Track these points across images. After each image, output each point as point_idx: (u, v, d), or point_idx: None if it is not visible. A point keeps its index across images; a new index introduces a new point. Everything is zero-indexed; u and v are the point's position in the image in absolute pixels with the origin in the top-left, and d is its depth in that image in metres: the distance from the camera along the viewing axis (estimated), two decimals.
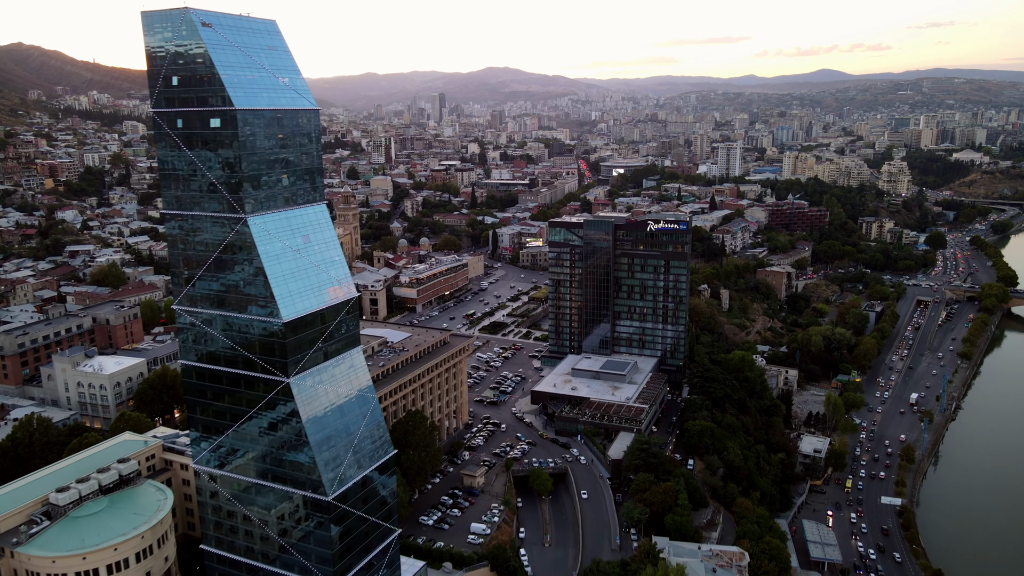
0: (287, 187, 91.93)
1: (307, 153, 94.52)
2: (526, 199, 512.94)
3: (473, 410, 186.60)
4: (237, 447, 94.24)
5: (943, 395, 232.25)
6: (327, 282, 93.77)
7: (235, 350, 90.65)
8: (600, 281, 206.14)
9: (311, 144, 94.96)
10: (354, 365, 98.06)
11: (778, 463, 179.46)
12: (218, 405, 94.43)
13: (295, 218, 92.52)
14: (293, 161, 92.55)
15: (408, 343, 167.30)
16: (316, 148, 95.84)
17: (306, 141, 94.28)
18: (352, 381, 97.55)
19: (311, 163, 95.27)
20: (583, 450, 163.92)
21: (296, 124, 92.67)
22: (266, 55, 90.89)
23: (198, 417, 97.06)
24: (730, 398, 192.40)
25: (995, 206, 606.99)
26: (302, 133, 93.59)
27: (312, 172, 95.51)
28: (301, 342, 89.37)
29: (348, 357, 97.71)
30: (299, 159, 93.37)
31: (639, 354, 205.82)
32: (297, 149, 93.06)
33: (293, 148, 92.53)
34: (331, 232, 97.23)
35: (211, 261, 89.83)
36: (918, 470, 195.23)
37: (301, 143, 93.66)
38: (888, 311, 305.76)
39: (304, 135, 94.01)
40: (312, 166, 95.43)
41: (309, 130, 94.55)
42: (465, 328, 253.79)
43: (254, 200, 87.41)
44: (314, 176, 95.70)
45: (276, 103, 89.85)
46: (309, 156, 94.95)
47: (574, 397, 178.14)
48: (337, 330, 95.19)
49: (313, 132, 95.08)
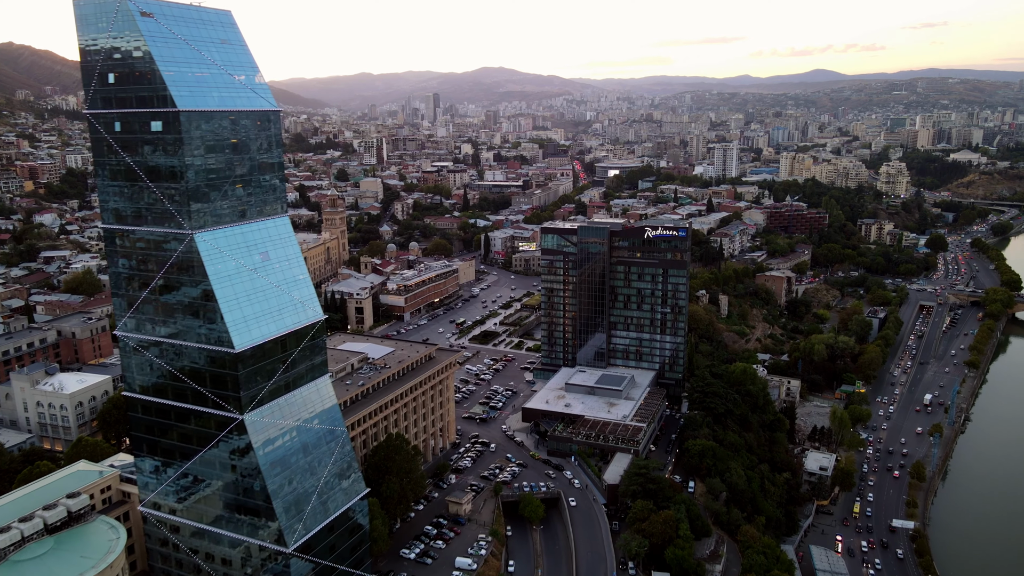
0: (242, 198, 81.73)
1: (267, 160, 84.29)
2: (520, 201, 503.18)
3: (461, 428, 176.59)
4: (187, 489, 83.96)
5: (952, 407, 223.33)
6: (289, 304, 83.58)
7: (183, 382, 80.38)
8: (595, 290, 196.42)
9: (272, 150, 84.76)
10: (321, 395, 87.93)
11: (783, 483, 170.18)
12: (166, 442, 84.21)
13: (252, 233, 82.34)
14: (250, 169, 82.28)
15: (391, 359, 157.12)
16: (277, 154, 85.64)
17: (265, 146, 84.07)
18: (319, 414, 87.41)
19: (271, 171, 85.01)
20: (577, 473, 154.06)
21: (253, 128, 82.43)
22: (218, 50, 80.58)
23: (144, 455, 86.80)
24: (732, 413, 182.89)
25: (994, 207, 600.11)
26: (260, 138, 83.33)
27: (272, 181, 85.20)
28: (258, 373, 79.07)
29: (314, 387, 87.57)
30: (257, 167, 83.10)
31: (636, 367, 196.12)
32: (255, 156, 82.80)
33: (250, 154, 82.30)
34: (294, 248, 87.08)
35: (155, 282, 79.45)
36: (929, 488, 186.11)
37: (259, 149, 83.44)
38: (891, 317, 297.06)
39: (263, 140, 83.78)
40: (272, 175, 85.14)
41: (269, 134, 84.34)
42: (454, 338, 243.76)
43: (202, 213, 77.16)
44: (275, 186, 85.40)
45: (229, 104, 79.64)
46: (269, 163, 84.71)
47: (568, 415, 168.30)
48: (301, 357, 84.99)
49: (274, 136, 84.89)
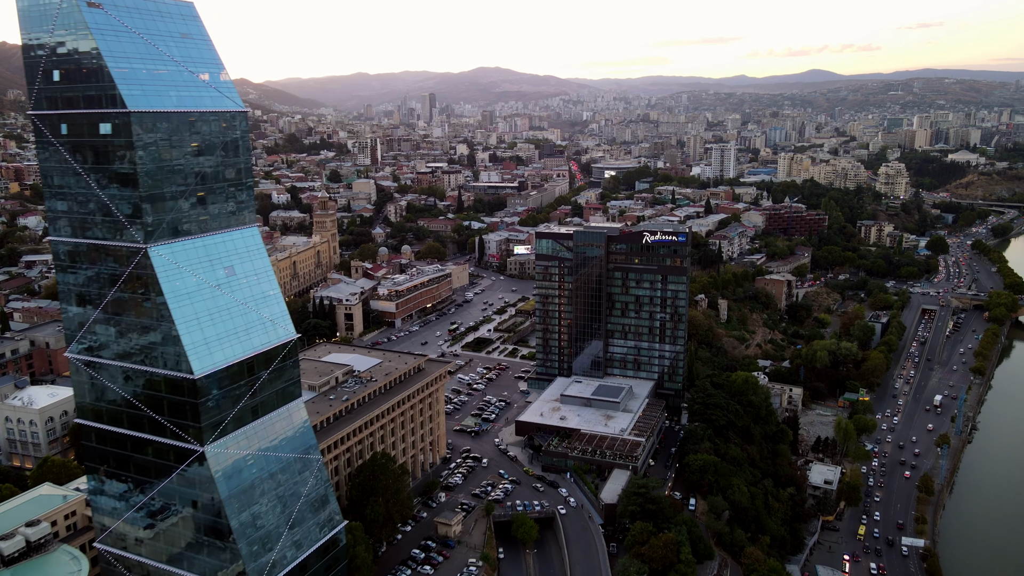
0: (205, 208, 74.55)
1: (232, 165, 77.09)
2: (515, 203, 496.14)
3: (452, 441, 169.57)
4: (146, 525, 76.76)
5: (959, 416, 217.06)
6: (257, 323, 76.43)
7: (139, 409, 73.18)
8: (592, 297, 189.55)
9: (238, 154, 77.57)
10: (293, 421, 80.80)
11: (787, 499, 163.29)
12: (123, 475, 76.87)
13: (215, 246, 75.12)
14: (213, 175, 75.10)
15: (377, 371, 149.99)
16: (245, 159, 78.40)
17: (231, 151, 76.83)
18: (290, 441, 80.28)
19: (238, 177, 77.80)
20: (573, 490, 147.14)
21: (218, 130, 75.25)
22: (178, 45, 73.37)
23: (100, 488, 79.55)
24: (734, 425, 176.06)
25: (994, 208, 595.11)
26: (225, 141, 76.12)
27: (238, 189, 77.99)
28: (220, 400, 71.90)
29: (286, 412, 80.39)
30: (221, 173, 75.90)
31: (634, 376, 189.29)
32: (218, 161, 75.59)
33: (213, 159, 75.10)
34: (263, 261, 79.85)
35: (107, 300, 72.30)
36: (938, 502, 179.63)
37: (224, 153, 76.21)
38: (894, 322, 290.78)
39: (228, 143, 76.56)
40: (239, 181, 77.95)
41: (235, 137, 77.13)
42: (447, 345, 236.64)
43: (158, 225, 69.98)
44: (242, 193, 78.18)
45: (189, 104, 72.42)
46: (235, 169, 77.49)
47: (563, 428, 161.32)
48: (271, 381, 77.85)
49: (241, 139, 77.69)
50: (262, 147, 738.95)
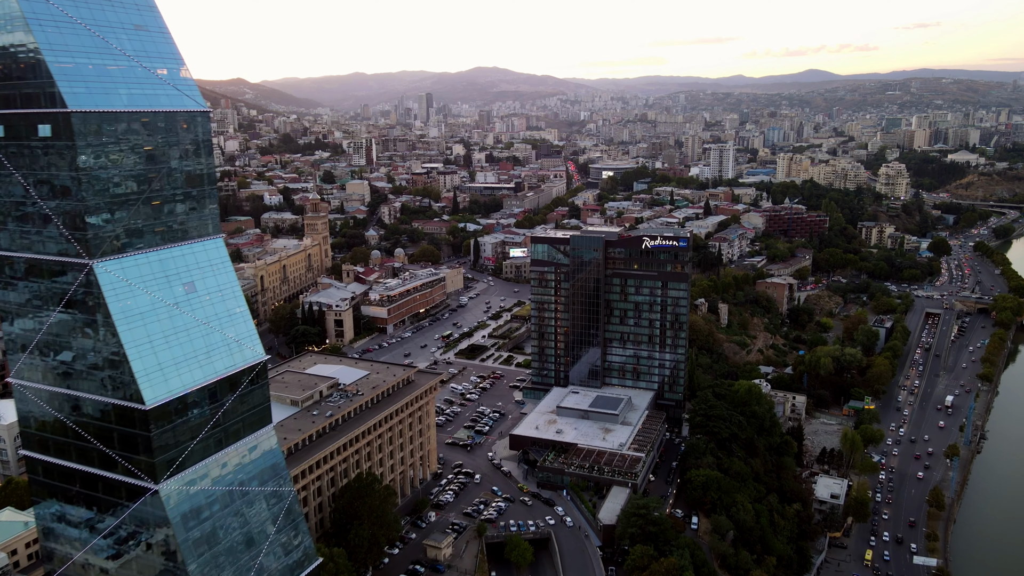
0: (161, 218, 67.41)
1: (193, 170, 69.90)
2: (511, 204, 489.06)
3: (444, 455, 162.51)
4: (98, 568, 69.63)
5: (968, 425, 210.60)
6: (220, 345, 69.25)
7: (88, 442, 65.98)
8: (589, 304, 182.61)
9: (200, 157, 70.40)
10: (263, 451, 73.66)
11: (793, 515, 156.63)
12: (73, 512, 69.58)
13: (173, 260, 67.96)
14: (170, 182, 67.88)
15: (364, 384, 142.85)
16: (207, 163, 71.21)
17: (192, 154, 69.67)
18: (259, 474, 73.11)
19: (199, 184, 70.62)
20: (569, 509, 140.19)
21: (176, 131, 68.05)
22: (131, 38, 66.17)
23: (49, 525, 72.26)
24: (737, 438, 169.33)
25: (995, 209, 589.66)
26: (185, 143, 68.95)
27: (200, 196, 70.85)
28: (177, 431, 64.74)
29: (254, 442, 73.19)
30: (180, 179, 68.70)
31: (633, 386, 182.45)
32: (177, 165, 68.40)
33: (170, 164, 67.89)
34: (228, 276, 72.68)
35: (50, 322, 65.06)
36: (949, 517, 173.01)
37: (184, 157, 69.04)
38: (898, 326, 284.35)
39: (188, 146, 69.39)
40: (201, 187, 70.79)
41: (196, 139, 69.92)
42: (440, 352, 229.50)
43: (105, 238, 62.80)
44: (204, 201, 71.05)
45: (142, 103, 65.23)
46: (196, 174, 70.30)
47: (559, 442, 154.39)
48: (237, 407, 70.66)
49: (202, 141, 70.52)
50: (256, 147, 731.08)
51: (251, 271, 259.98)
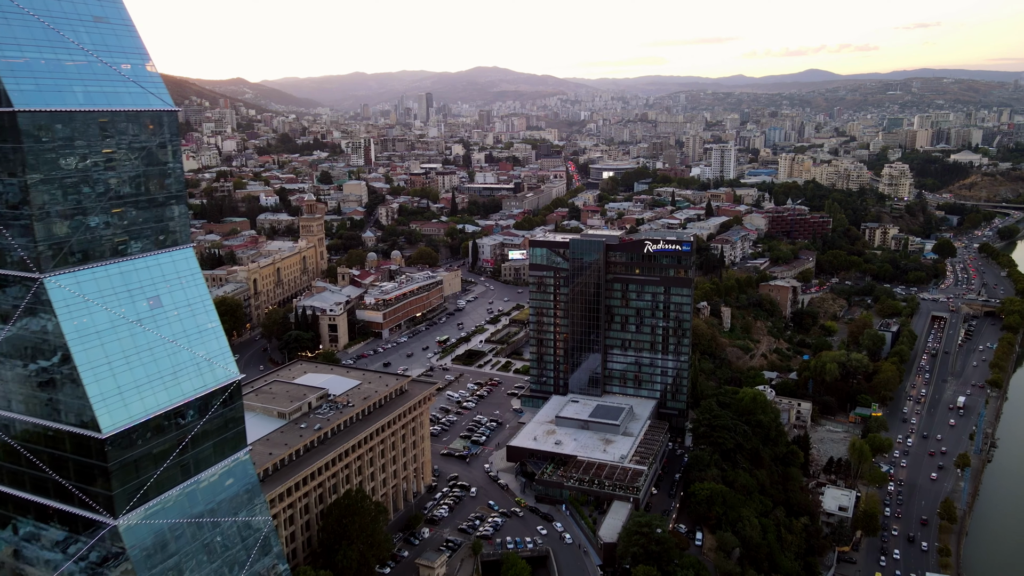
0: (122, 227, 61.84)
1: (159, 175, 64.33)
2: (511, 205, 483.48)
3: (439, 467, 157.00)
4: None
5: (978, 433, 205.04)
6: (189, 364, 63.68)
7: (43, 472, 60.43)
8: (589, 310, 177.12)
9: (167, 161, 64.81)
10: (236, 478, 68.08)
11: (801, 530, 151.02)
12: (28, 548, 63.99)
13: (135, 272, 62.37)
14: (132, 188, 62.28)
15: (355, 395, 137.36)
16: (175, 167, 65.66)
17: (157, 157, 64.08)
18: (232, 503, 67.51)
19: (166, 189, 65.05)
20: (568, 525, 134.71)
21: (140, 132, 62.44)
22: (89, 30, 60.54)
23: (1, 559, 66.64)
24: (742, 448, 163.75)
25: (998, 210, 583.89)
26: (148, 146, 63.35)
27: (167, 202, 65.29)
28: (139, 460, 59.20)
29: (226, 468, 67.64)
30: (143, 184, 63.10)
31: (634, 395, 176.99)
32: (139, 170, 62.80)
33: (132, 168, 62.31)
34: (198, 289, 67.08)
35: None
36: (961, 530, 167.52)
37: (148, 160, 63.45)
38: (905, 330, 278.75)
39: (153, 148, 63.81)
40: (168, 193, 65.25)
41: (163, 140, 64.31)
42: (436, 358, 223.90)
43: (58, 249, 57.24)
44: (171, 208, 65.48)
45: (101, 101, 59.62)
46: (162, 179, 64.71)
47: (558, 454, 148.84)
48: (207, 431, 65.03)
49: (170, 143, 64.95)
50: (254, 147, 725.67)
51: (244, 274, 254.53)
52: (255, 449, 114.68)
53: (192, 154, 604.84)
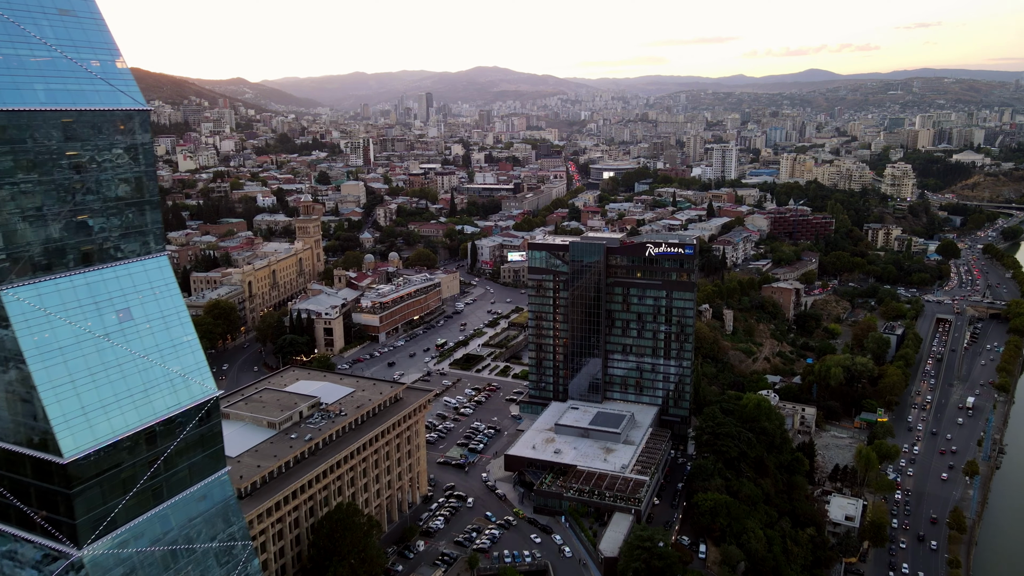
0: (88, 235, 57.70)
1: (128, 179, 60.18)
2: (510, 205, 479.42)
3: (435, 476, 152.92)
4: None
5: (987, 440, 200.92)
6: (162, 381, 59.55)
7: (5, 498, 56.27)
8: (589, 314, 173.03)
9: (138, 164, 60.64)
10: (214, 502, 63.97)
11: (807, 541, 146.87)
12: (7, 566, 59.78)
13: (103, 283, 58.22)
14: (100, 192, 58.13)
15: (348, 403, 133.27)
16: (147, 170, 61.49)
17: (127, 160, 59.91)
18: (208, 527, 63.37)
19: (136, 193, 60.91)
20: (568, 538, 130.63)
21: (109, 133, 58.28)
22: (53, 24, 56.40)
23: None
24: (746, 456, 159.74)
25: (1001, 210, 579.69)
26: (118, 147, 59.16)
27: (139, 207, 61.16)
28: (106, 486, 55.04)
29: (202, 492, 63.49)
30: (112, 189, 58.93)
31: (636, 401, 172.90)
32: (108, 173, 58.66)
33: (101, 171, 58.15)
34: (173, 300, 62.94)
35: None
36: (971, 540, 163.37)
37: (118, 164, 59.29)
38: (910, 334, 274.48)
39: (123, 151, 59.63)
40: (139, 198, 61.13)
41: (134, 142, 60.13)
42: (434, 362, 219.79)
43: (16, 259, 53.10)
44: (142, 213, 61.34)
45: (64, 100, 55.48)
46: (133, 183, 60.56)
47: (557, 464, 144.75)
48: (182, 453, 60.86)
49: (141, 145, 60.81)
50: (252, 147, 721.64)
51: (238, 276, 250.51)
52: (243, 461, 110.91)
53: (190, 154, 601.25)
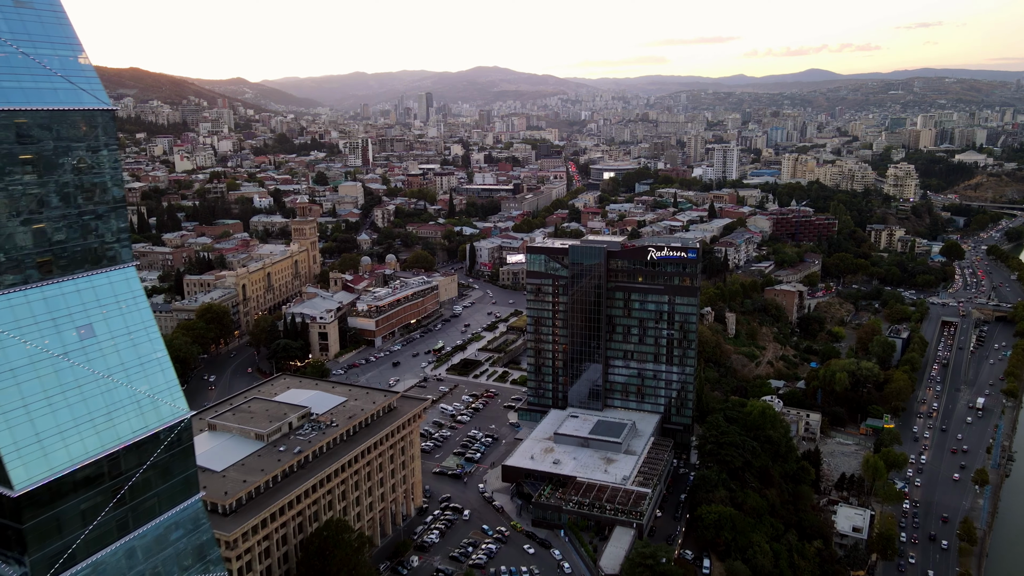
0: (46, 244, 53.18)
1: (91, 185, 55.65)
2: (510, 206, 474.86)
3: (430, 487, 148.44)
4: None
5: (996, 447, 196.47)
6: (127, 403, 55.00)
7: None
8: (590, 320, 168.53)
9: (101, 168, 56.10)
10: (185, 530, 59.45)
11: (814, 555, 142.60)
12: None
13: (62, 298, 53.71)
14: (59, 199, 53.63)
15: (340, 413, 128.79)
16: (112, 174, 56.94)
17: (89, 163, 55.39)
18: (178, 558, 58.80)
19: (102, 200, 56.37)
20: (567, 553, 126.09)
21: (69, 134, 53.80)
22: (8, 16, 52.02)
23: None
24: (751, 466, 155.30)
25: (1005, 211, 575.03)
26: (80, 150, 54.64)
27: (103, 215, 56.61)
28: (63, 519, 50.48)
29: (174, 519, 58.92)
30: (73, 195, 54.40)
31: (637, 408, 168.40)
32: (68, 178, 54.13)
33: (61, 175, 53.65)
34: (141, 314, 58.39)
35: None
36: (982, 552, 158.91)
37: (80, 167, 54.77)
38: (915, 337, 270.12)
39: (85, 153, 55.10)
40: (103, 204, 56.58)
41: (97, 144, 55.63)
42: (431, 367, 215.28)
43: None
44: (107, 221, 56.80)
45: (17, 99, 50.99)
46: (96, 189, 56.00)
47: (556, 475, 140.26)
48: (149, 480, 56.31)
49: (105, 147, 56.25)
50: (250, 148, 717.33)
51: (232, 279, 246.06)
52: (228, 476, 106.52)
53: (187, 155, 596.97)
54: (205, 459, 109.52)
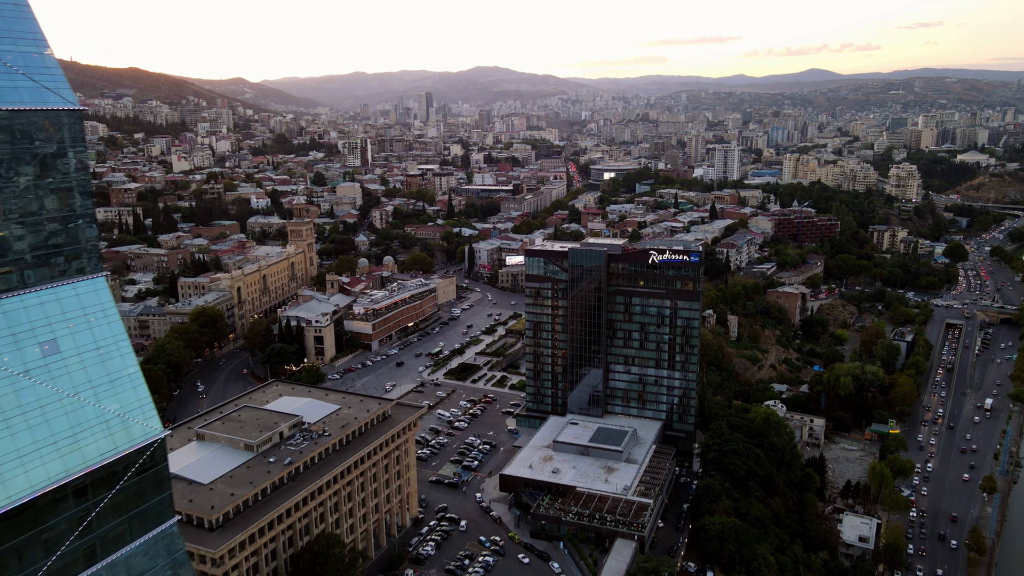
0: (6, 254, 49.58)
1: (57, 189, 52.08)
2: (509, 207, 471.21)
3: (427, 496, 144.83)
4: None
5: (1004, 453, 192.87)
6: (94, 423, 51.43)
7: None
8: (590, 325, 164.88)
9: (68, 172, 52.51)
10: (158, 558, 55.76)
11: (820, 566, 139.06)
12: None
13: (22, 312, 50.12)
14: (20, 205, 49.98)
15: (333, 422, 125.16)
16: (79, 179, 53.27)
17: (54, 167, 51.77)
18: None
19: (68, 206, 52.76)
20: (566, 566, 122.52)
21: (35, 136, 50.16)
22: None
23: None
24: (755, 475, 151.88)
25: (1008, 211, 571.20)
26: (42, 153, 51.04)
27: (70, 222, 53.00)
28: (23, 549, 46.83)
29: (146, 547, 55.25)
30: (37, 201, 50.76)
31: (638, 415, 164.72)
32: (34, 183, 50.53)
33: (23, 180, 49.99)
34: (111, 328, 54.77)
35: None
36: (991, 561, 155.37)
37: (44, 171, 51.16)
38: (920, 340, 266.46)
39: (48, 156, 51.49)
40: (69, 211, 52.97)
41: (63, 146, 51.99)
42: (428, 372, 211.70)
43: None
44: (73, 229, 53.21)
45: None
46: (61, 194, 52.42)
47: (555, 484, 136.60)
48: (119, 506, 52.63)
49: (72, 149, 52.60)
50: (249, 148, 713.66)
51: (227, 282, 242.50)
52: (215, 489, 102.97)
53: (184, 155, 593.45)
54: (192, 471, 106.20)
